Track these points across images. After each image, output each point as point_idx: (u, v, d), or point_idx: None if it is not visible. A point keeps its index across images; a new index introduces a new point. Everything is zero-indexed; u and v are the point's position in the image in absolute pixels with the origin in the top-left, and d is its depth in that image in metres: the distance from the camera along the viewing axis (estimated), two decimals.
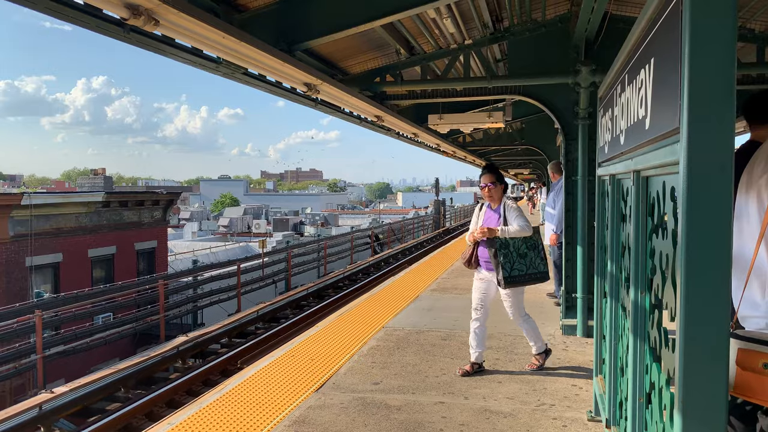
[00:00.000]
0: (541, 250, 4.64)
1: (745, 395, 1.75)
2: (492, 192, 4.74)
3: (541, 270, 4.63)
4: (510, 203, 4.74)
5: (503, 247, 4.54)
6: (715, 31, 1.22)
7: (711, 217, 1.25)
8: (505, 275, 4.52)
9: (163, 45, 3.68)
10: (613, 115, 2.61)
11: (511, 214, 4.67)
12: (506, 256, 4.53)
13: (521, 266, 4.55)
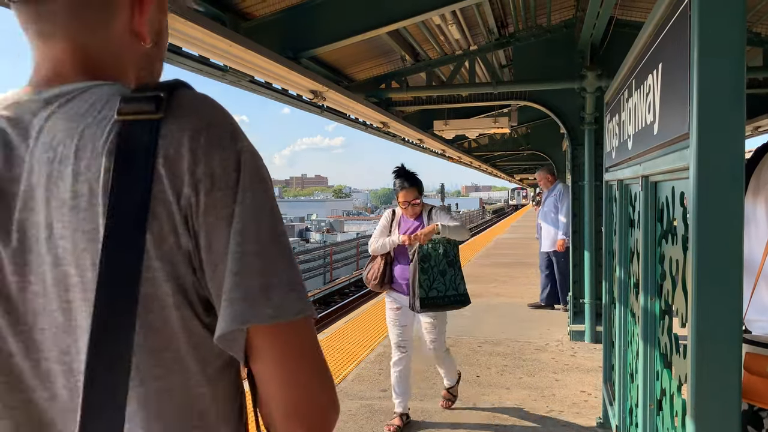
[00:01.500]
0: (460, 268, 3.84)
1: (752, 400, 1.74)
2: (416, 209, 3.88)
3: (461, 292, 3.80)
4: (436, 206, 3.99)
5: (424, 260, 3.68)
6: (724, 35, 1.22)
7: (722, 222, 1.24)
8: (421, 296, 3.64)
9: (170, 54, 3.70)
10: (620, 120, 2.61)
11: (443, 216, 3.86)
12: (426, 271, 3.67)
13: (440, 286, 3.71)
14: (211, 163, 0.64)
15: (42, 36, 0.72)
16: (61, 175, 0.64)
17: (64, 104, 0.68)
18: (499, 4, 5.83)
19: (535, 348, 5.72)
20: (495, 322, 6.89)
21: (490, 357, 5.42)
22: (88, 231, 0.63)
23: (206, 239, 0.64)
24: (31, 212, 0.66)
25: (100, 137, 0.64)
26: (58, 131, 0.66)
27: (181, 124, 0.64)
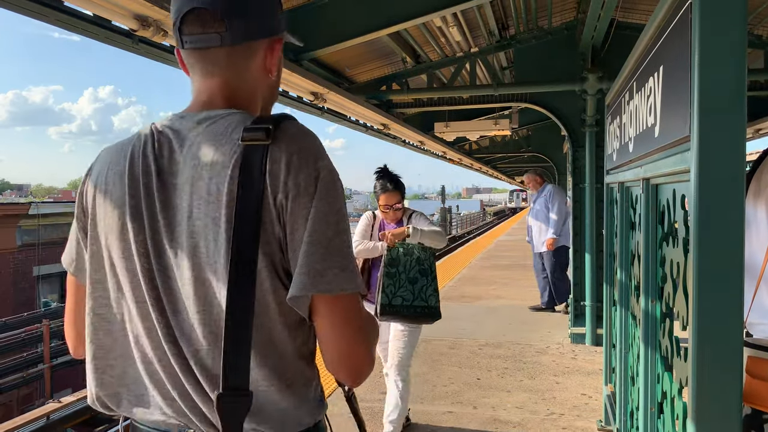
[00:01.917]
0: (434, 279, 3.49)
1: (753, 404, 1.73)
2: (397, 214, 3.66)
3: (432, 305, 3.39)
4: (417, 211, 3.72)
5: (391, 264, 3.37)
6: (725, 38, 1.22)
7: (723, 225, 1.24)
8: (382, 301, 3.31)
9: (171, 56, 3.70)
10: (621, 122, 2.61)
11: (421, 221, 3.63)
12: (392, 276, 3.36)
13: (407, 294, 3.36)
14: (298, 178, 0.93)
15: (205, 74, 1.05)
16: (201, 177, 0.96)
17: (209, 125, 1.00)
18: (500, 6, 5.83)
19: (535, 351, 5.71)
20: (496, 324, 6.89)
21: (491, 359, 5.41)
22: (213, 217, 0.94)
23: (291, 230, 0.93)
24: (180, 198, 0.98)
25: (229, 154, 0.95)
26: (202, 145, 0.98)
27: (281, 149, 0.94)
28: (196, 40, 1.03)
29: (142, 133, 1.05)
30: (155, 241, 0.99)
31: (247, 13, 1.03)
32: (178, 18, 1.02)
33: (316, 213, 0.93)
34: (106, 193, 1.04)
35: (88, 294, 1.07)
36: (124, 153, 1.04)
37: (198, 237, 0.96)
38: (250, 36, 1.05)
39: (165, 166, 1.00)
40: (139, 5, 2.63)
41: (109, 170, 1.05)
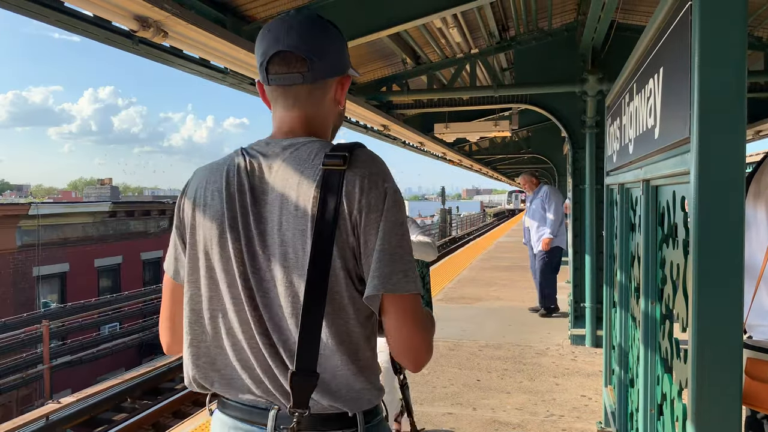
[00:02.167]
0: (427, 291, 3.40)
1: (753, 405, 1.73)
2: None
3: None
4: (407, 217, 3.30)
5: None
6: (725, 40, 1.22)
7: (723, 227, 1.24)
8: None
9: (171, 56, 3.71)
10: (622, 124, 2.60)
11: (411, 230, 3.31)
12: None
13: None
14: (369, 197, 1.12)
15: (287, 106, 1.24)
16: (289, 195, 1.15)
17: (293, 152, 1.19)
18: (500, 7, 5.83)
19: (535, 352, 5.71)
20: (495, 325, 6.88)
21: (491, 361, 5.41)
22: (301, 230, 1.13)
23: (364, 241, 1.12)
24: (270, 212, 1.17)
25: (312, 177, 1.14)
26: (288, 168, 1.18)
27: (355, 173, 1.13)
28: (281, 78, 1.22)
29: (234, 157, 1.25)
30: (250, 248, 1.18)
31: (324, 56, 1.22)
32: (266, 59, 1.21)
33: (384, 226, 1.13)
34: (205, 206, 1.23)
35: (186, 292, 1.25)
36: (220, 172, 1.23)
37: (287, 245, 1.15)
38: (327, 75, 1.25)
39: (257, 184, 1.20)
40: (139, 6, 2.63)
41: (207, 187, 1.24)
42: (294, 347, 1.14)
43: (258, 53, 1.24)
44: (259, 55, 1.23)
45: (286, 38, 1.20)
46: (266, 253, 1.17)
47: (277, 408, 1.18)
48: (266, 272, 1.17)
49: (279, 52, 1.19)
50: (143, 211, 20.51)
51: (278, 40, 1.20)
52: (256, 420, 1.21)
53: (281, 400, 1.17)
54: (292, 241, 1.14)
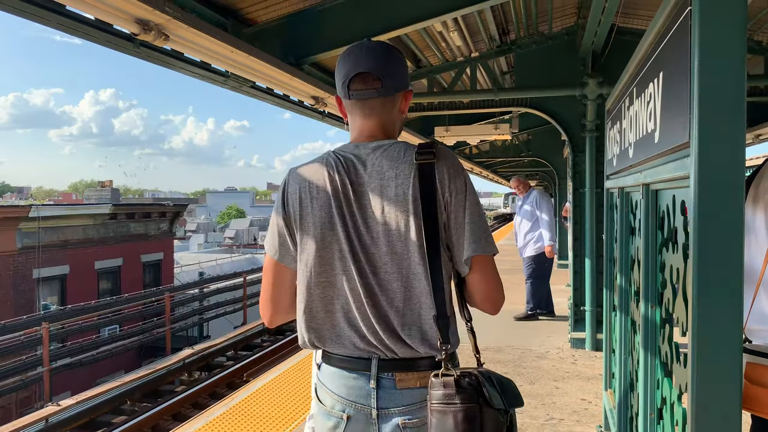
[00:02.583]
0: None
1: (753, 410, 1.73)
2: None
3: None
4: None
5: None
6: (725, 44, 1.22)
7: (722, 231, 1.24)
8: None
9: (172, 59, 3.71)
10: (622, 127, 2.61)
11: None
12: None
13: None
14: (456, 182, 1.47)
15: (365, 116, 1.56)
16: (388, 185, 1.47)
17: (384, 151, 1.51)
18: (500, 11, 5.84)
19: (535, 355, 5.71)
20: (496, 329, 6.88)
21: (491, 364, 5.40)
22: (402, 210, 1.46)
23: (454, 216, 1.47)
24: (368, 201, 1.49)
25: (408, 170, 1.47)
26: (383, 164, 1.49)
27: (442, 164, 1.47)
28: (360, 94, 1.53)
29: (329, 158, 1.55)
30: (356, 229, 1.50)
31: (393, 76, 1.54)
32: (348, 78, 1.52)
33: (469, 204, 1.48)
34: (311, 199, 1.52)
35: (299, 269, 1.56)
36: (320, 171, 1.54)
37: (390, 223, 1.47)
38: (396, 90, 1.56)
39: (354, 179, 1.51)
40: (140, 9, 2.64)
41: (310, 184, 1.53)
42: (399, 304, 1.48)
43: (340, 74, 1.55)
44: (341, 75, 1.55)
45: (364, 62, 1.52)
46: (370, 232, 1.49)
47: (378, 357, 1.49)
48: (371, 247, 1.49)
49: (359, 73, 1.51)
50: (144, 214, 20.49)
51: (358, 63, 1.52)
52: (361, 368, 1.51)
53: (382, 351, 1.49)
54: (395, 220, 1.47)
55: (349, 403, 1.52)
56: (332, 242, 1.50)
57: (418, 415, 1.48)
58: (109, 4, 2.55)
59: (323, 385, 1.57)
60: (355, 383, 1.51)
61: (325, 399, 1.57)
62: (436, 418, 1.41)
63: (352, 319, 1.51)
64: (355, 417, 1.51)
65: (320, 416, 1.58)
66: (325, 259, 1.51)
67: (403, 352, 1.48)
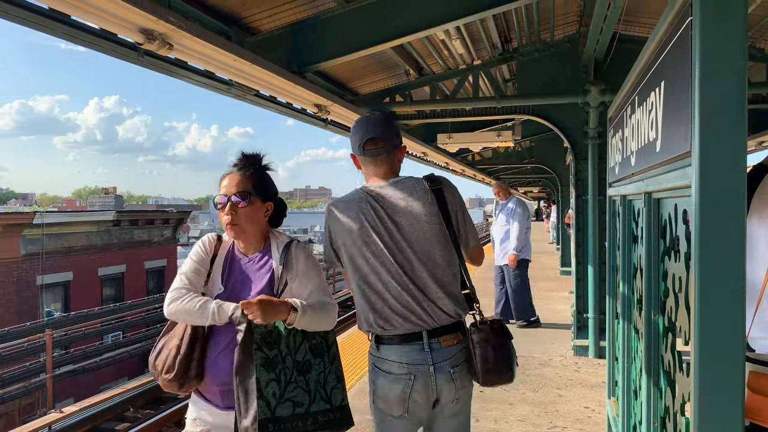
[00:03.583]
0: (334, 358, 2.09)
1: (755, 419, 1.73)
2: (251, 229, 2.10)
3: (338, 404, 2.05)
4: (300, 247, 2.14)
5: (269, 344, 1.96)
6: (725, 54, 1.22)
7: (724, 240, 1.24)
8: (262, 414, 1.89)
9: (176, 68, 3.73)
10: (624, 136, 2.61)
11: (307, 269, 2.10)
12: (272, 365, 1.95)
13: (299, 394, 1.98)
14: (457, 201, 2.23)
15: (377, 166, 2.22)
16: (412, 205, 2.15)
17: (399, 185, 2.19)
18: (503, 19, 5.86)
19: (538, 363, 5.69)
20: None
21: None
22: (427, 221, 2.14)
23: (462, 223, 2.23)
24: (401, 217, 2.14)
25: (424, 195, 2.16)
26: (403, 192, 2.17)
27: (448, 190, 2.21)
28: (372, 152, 2.19)
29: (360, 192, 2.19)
30: (392, 237, 2.12)
31: (393, 138, 2.24)
32: (362, 142, 2.19)
33: (466, 215, 2.25)
34: (353, 224, 2.14)
35: (351, 273, 2.18)
36: (355, 204, 2.16)
37: (420, 231, 2.13)
38: (394, 147, 2.24)
39: (385, 205, 2.15)
40: (145, 19, 2.66)
41: (348, 214, 2.16)
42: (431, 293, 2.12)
43: (356, 138, 2.21)
44: (357, 139, 2.20)
45: (372, 130, 2.20)
46: (404, 238, 2.11)
47: (425, 329, 2.09)
48: (407, 250, 2.11)
49: (370, 138, 2.19)
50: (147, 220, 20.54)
51: (368, 131, 2.20)
52: (414, 340, 2.09)
53: (427, 324, 2.10)
54: (423, 228, 2.12)
55: (412, 366, 2.07)
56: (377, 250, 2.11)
57: (459, 362, 2.13)
58: (114, 14, 2.57)
59: (384, 359, 2.12)
60: (412, 350, 2.09)
61: (391, 368, 2.09)
62: (480, 351, 2.11)
63: (393, 305, 2.10)
64: (418, 375, 2.07)
65: (387, 383, 2.10)
66: (372, 264, 2.11)
67: (443, 320, 2.12)
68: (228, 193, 2.04)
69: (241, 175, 2.06)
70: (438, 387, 2.07)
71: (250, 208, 2.04)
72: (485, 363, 2.08)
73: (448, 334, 2.11)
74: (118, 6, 2.50)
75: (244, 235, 2.09)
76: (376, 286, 2.10)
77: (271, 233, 2.17)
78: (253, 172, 2.09)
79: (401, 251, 2.09)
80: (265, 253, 2.13)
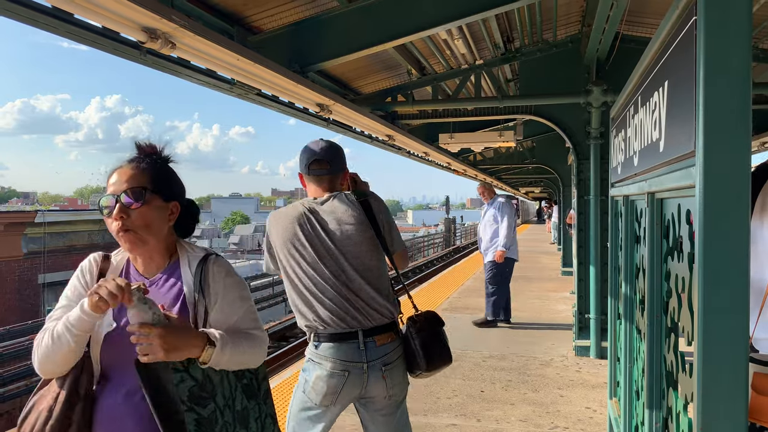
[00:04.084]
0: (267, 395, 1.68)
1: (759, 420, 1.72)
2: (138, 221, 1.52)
3: None
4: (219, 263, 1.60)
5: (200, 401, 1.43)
6: (730, 54, 1.22)
7: (728, 241, 1.24)
8: None
9: (178, 67, 3.73)
10: (626, 136, 2.61)
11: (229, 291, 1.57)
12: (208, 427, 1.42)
13: None
14: (384, 211, 2.48)
15: (319, 185, 2.47)
16: (343, 215, 2.37)
17: (334, 198, 2.42)
18: (505, 19, 5.86)
19: (540, 363, 5.69)
20: (500, 336, 6.86)
21: (495, 372, 5.39)
22: (357, 229, 2.36)
23: (383, 227, 2.43)
24: (332, 226, 2.36)
25: (354, 206, 2.40)
26: (336, 204, 2.40)
27: (372, 200, 2.46)
28: (317, 172, 2.44)
29: (298, 206, 2.40)
30: (324, 245, 2.32)
31: (337, 162, 2.46)
32: (309, 162, 2.43)
33: (392, 222, 2.49)
34: (289, 234, 2.34)
35: (289, 279, 2.34)
36: (292, 215, 2.36)
37: (351, 238, 2.33)
38: (339, 171, 2.48)
39: (317, 216, 2.36)
40: (147, 18, 2.66)
41: (286, 224, 2.35)
42: (363, 294, 2.30)
43: (304, 158, 2.45)
44: (305, 159, 2.44)
45: (319, 153, 2.44)
46: (338, 246, 2.31)
47: (360, 329, 2.27)
48: (339, 257, 2.30)
49: (316, 159, 2.43)
50: None
51: (314, 153, 2.43)
52: (350, 338, 2.26)
53: (362, 324, 2.28)
54: (353, 234, 2.32)
55: (348, 363, 2.24)
56: (312, 256, 2.29)
57: (392, 359, 2.30)
58: (117, 13, 2.57)
59: (322, 356, 2.26)
60: (349, 348, 2.25)
61: (328, 364, 2.25)
62: (419, 340, 2.31)
63: (329, 306, 2.26)
64: (352, 371, 2.25)
65: (323, 377, 2.24)
66: (304, 269, 2.31)
67: (377, 320, 2.31)
68: (117, 192, 1.50)
69: (133, 169, 1.54)
70: (369, 383, 2.26)
71: (146, 208, 1.50)
72: (426, 349, 2.29)
73: (382, 333, 2.29)
74: (121, 5, 2.49)
75: (143, 248, 1.53)
76: (313, 291, 2.28)
77: (179, 246, 1.61)
78: (150, 164, 1.57)
79: (334, 258, 2.28)
80: (172, 272, 1.56)
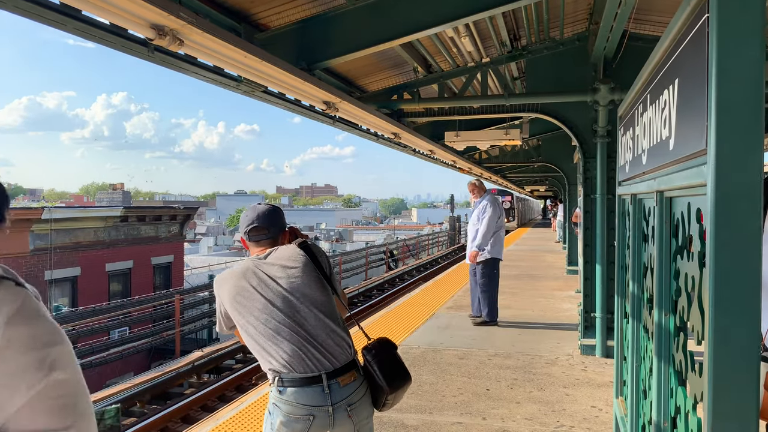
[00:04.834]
0: None
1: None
2: None
3: None
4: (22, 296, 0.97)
5: None
6: (743, 52, 1.21)
7: (740, 240, 1.23)
8: None
9: (186, 64, 3.74)
10: (635, 134, 2.60)
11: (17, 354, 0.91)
12: None
13: None
14: (321, 252, 2.52)
15: (258, 246, 2.48)
16: (288, 264, 2.37)
17: (274, 252, 2.43)
18: (512, 16, 5.84)
19: (545, 362, 5.68)
20: (505, 334, 6.85)
21: (500, 370, 5.38)
22: (304, 273, 2.37)
23: (325, 269, 2.45)
24: (280, 274, 2.36)
25: (297, 254, 2.41)
26: (275, 257, 2.40)
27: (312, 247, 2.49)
28: (256, 237, 2.48)
29: (246, 264, 2.40)
30: (274, 292, 2.32)
31: (275, 226, 2.50)
32: (249, 228, 2.46)
33: (330, 266, 2.48)
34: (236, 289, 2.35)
35: (246, 331, 2.33)
36: (239, 274, 2.38)
37: (299, 282, 2.34)
38: (277, 234, 2.50)
39: (264, 270, 2.36)
40: (156, 15, 2.66)
41: (233, 282, 2.37)
42: (320, 328, 2.29)
43: (243, 224, 2.48)
44: (244, 225, 2.48)
45: (256, 219, 2.47)
46: (285, 288, 2.32)
47: (323, 371, 2.24)
48: (289, 296, 2.32)
49: (254, 227, 2.47)
50: (154, 216, 20.59)
51: (253, 220, 2.47)
52: (315, 383, 2.24)
53: (324, 366, 2.25)
54: (301, 276, 2.34)
55: (313, 408, 2.25)
56: (264, 305, 2.30)
57: (357, 399, 2.31)
58: (125, 10, 2.58)
59: (287, 401, 2.25)
60: (313, 392, 2.25)
61: (292, 409, 2.25)
62: (377, 365, 2.36)
63: (294, 350, 2.25)
64: (318, 415, 2.25)
65: (288, 422, 2.25)
66: (259, 318, 2.30)
67: (339, 358, 2.30)
68: None
69: None
70: (336, 424, 2.29)
71: None
72: (385, 372, 2.36)
73: (345, 373, 2.30)
74: (130, 1, 2.50)
75: None
76: (269, 335, 2.28)
77: None
78: None
79: (284, 300, 2.30)
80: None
